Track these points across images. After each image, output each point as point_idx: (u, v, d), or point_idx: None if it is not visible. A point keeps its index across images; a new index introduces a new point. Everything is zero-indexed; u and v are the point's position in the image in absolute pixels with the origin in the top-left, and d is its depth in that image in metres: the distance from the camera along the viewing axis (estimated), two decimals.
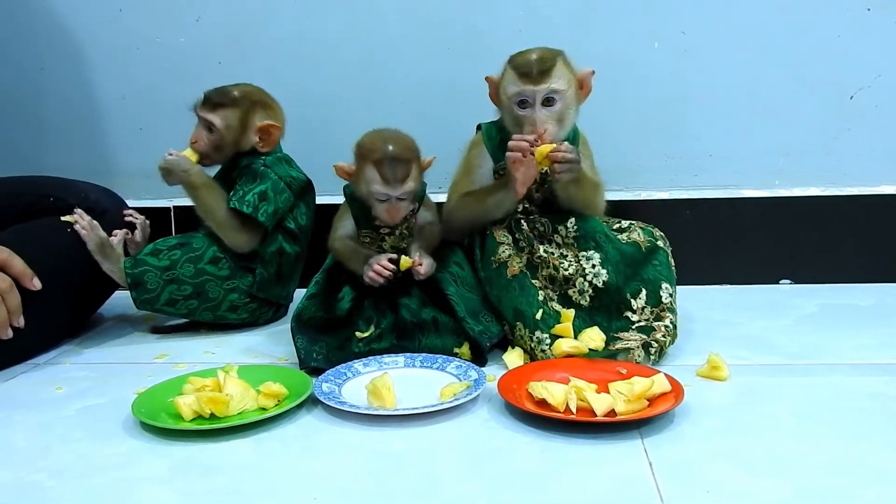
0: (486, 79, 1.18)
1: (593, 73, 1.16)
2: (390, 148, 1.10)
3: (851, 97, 1.48)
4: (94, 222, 1.25)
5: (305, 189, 1.33)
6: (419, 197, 1.17)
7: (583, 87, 1.16)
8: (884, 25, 1.45)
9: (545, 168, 1.09)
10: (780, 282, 1.52)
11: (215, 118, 1.26)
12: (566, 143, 1.10)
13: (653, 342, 1.06)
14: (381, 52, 1.55)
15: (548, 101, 1.11)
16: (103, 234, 1.25)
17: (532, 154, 1.07)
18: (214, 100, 1.27)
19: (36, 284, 1.14)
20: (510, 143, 1.09)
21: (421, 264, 1.11)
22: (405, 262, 1.11)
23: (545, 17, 1.49)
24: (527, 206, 1.19)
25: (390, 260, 1.11)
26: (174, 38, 1.59)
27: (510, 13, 1.50)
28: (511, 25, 1.49)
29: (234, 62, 1.56)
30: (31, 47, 1.62)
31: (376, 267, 1.10)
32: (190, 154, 1.26)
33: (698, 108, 1.51)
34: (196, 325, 1.31)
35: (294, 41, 1.56)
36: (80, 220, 1.24)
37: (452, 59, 1.52)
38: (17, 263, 1.12)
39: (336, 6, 1.54)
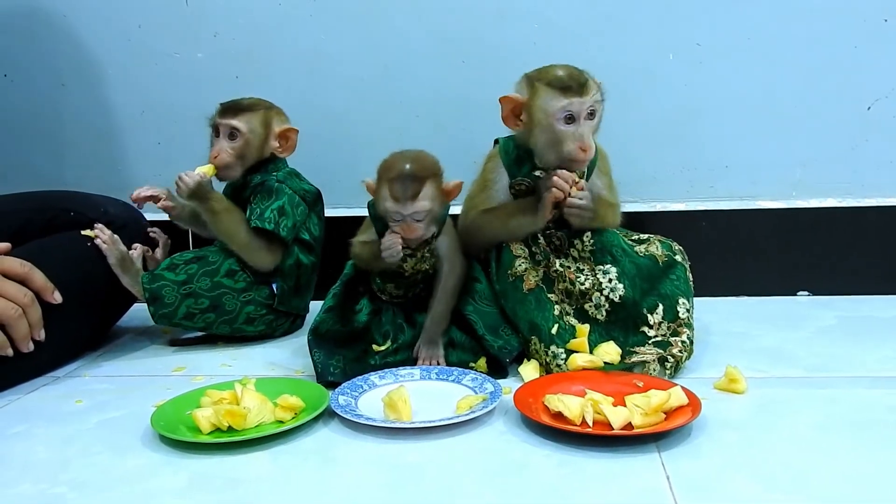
0: (501, 99, 1.13)
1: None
2: (406, 166, 1.08)
3: (869, 108, 1.47)
4: (115, 236, 1.26)
5: (317, 200, 1.36)
6: (441, 221, 1.14)
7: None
8: None
9: None
10: (798, 293, 1.51)
11: (240, 123, 1.27)
12: (585, 189, 1.10)
13: (669, 357, 1.06)
14: (396, 67, 1.56)
15: (590, 115, 1.10)
16: (123, 248, 1.26)
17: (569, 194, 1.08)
18: (234, 107, 1.28)
19: (57, 298, 1.15)
20: (555, 180, 1.08)
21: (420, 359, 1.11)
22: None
23: (560, 31, 1.49)
24: None
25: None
26: (192, 54, 1.60)
27: (525, 27, 1.50)
28: (526, 39, 1.49)
29: (251, 77, 1.58)
30: (50, 64, 1.64)
31: (395, 244, 1.09)
32: (208, 170, 1.26)
33: (714, 120, 1.51)
34: (213, 338, 1.32)
35: (310, 56, 1.57)
36: (101, 235, 1.26)
37: (467, 74, 1.53)
38: (39, 277, 1.13)
39: (351, 21, 1.55)
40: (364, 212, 1.17)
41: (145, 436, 0.94)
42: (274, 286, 1.30)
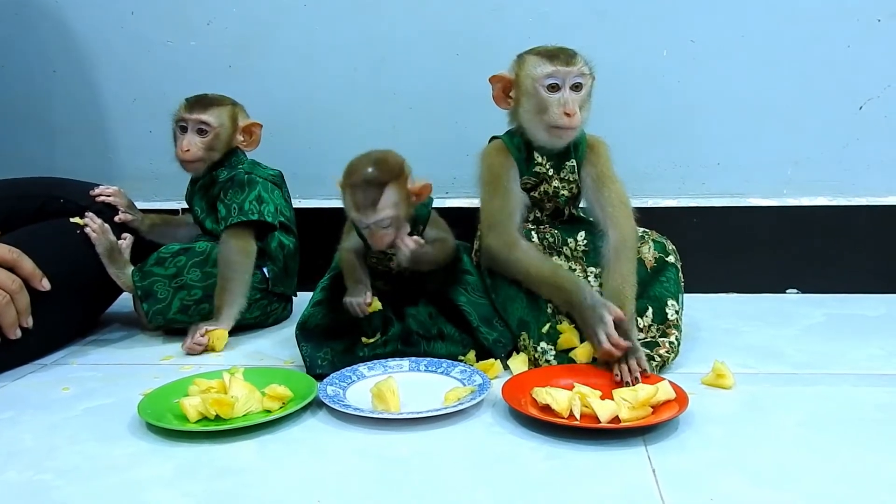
0: (492, 78, 1.16)
1: (594, 79, 1.15)
2: (366, 170, 1.04)
3: (861, 107, 1.48)
4: (106, 226, 1.26)
5: (283, 182, 1.39)
6: (423, 219, 1.14)
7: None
8: (894, 36, 1.45)
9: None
10: (787, 291, 1.51)
11: (210, 117, 1.29)
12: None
13: (655, 356, 1.06)
14: (390, 58, 1.55)
15: (575, 87, 1.11)
16: (113, 238, 1.26)
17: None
18: (203, 102, 1.30)
19: (45, 285, 1.14)
20: (605, 348, 0.99)
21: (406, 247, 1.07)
22: (376, 304, 1.10)
23: (554, 26, 1.49)
24: (537, 215, 1.19)
25: (367, 303, 1.08)
26: (185, 42, 1.60)
27: (519, 21, 1.50)
28: (520, 33, 1.49)
29: (245, 66, 1.57)
30: (42, 51, 1.64)
31: (354, 306, 1.08)
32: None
33: (707, 117, 1.51)
34: None
35: (304, 46, 1.57)
36: (91, 224, 1.25)
37: (461, 66, 1.53)
38: (27, 264, 1.13)
39: (345, 12, 1.55)
40: None
41: (132, 424, 0.94)
42: (265, 270, 1.31)
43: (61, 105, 1.66)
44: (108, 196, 1.33)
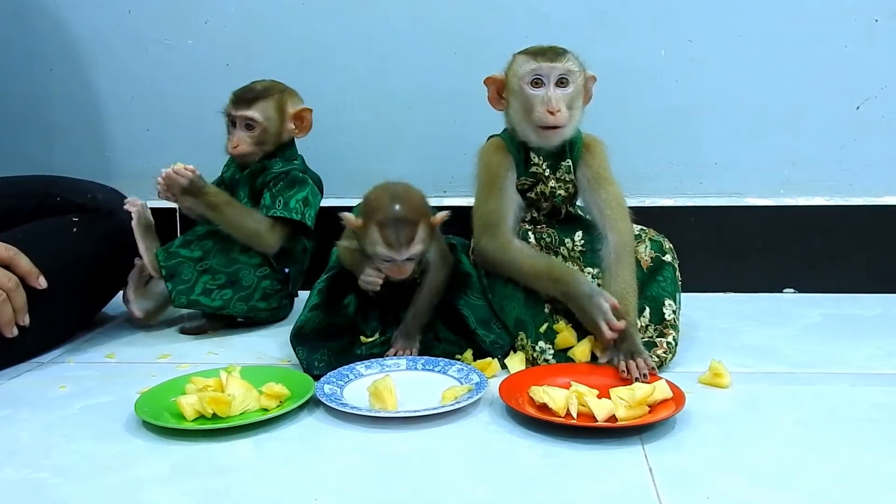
0: (486, 80, 1.16)
1: (595, 79, 1.16)
2: (396, 208, 1.04)
3: (858, 107, 1.48)
4: (146, 203, 1.28)
5: (322, 189, 1.38)
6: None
7: (586, 90, 1.15)
8: (891, 36, 1.45)
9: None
10: (784, 291, 1.51)
11: (254, 112, 1.28)
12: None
13: (653, 356, 1.06)
14: (389, 57, 1.55)
15: (561, 82, 1.10)
16: (150, 216, 1.28)
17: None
18: (247, 96, 1.29)
19: (42, 283, 1.14)
20: (608, 335, 1.02)
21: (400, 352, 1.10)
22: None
23: (553, 25, 1.49)
24: (534, 215, 1.18)
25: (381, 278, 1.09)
26: (182, 40, 1.59)
27: (518, 20, 1.50)
28: (518, 32, 1.49)
29: (242, 65, 1.57)
30: (39, 49, 1.63)
31: (368, 284, 1.09)
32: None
33: (704, 116, 1.51)
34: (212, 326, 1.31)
35: (302, 45, 1.56)
36: (134, 202, 1.27)
37: (459, 65, 1.53)
38: (24, 262, 1.13)
39: (344, 11, 1.55)
40: (354, 202, 1.17)
41: (129, 422, 0.93)
42: (286, 271, 1.32)
43: (59, 104, 1.66)
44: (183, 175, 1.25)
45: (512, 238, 1.13)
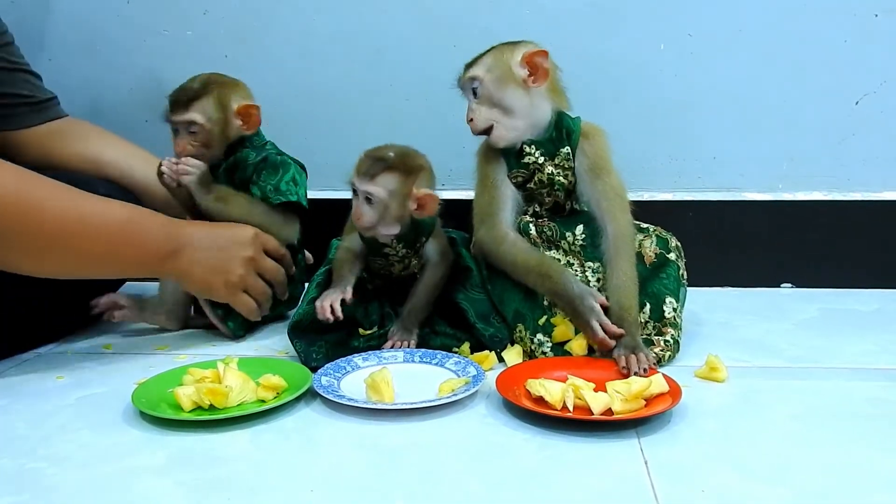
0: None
1: (542, 53, 1.11)
2: (387, 152, 1.07)
3: (857, 102, 1.48)
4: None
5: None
6: (426, 231, 1.13)
7: (536, 70, 1.11)
8: (891, 31, 1.45)
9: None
10: (782, 285, 1.51)
11: (194, 115, 1.20)
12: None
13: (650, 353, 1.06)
14: (388, 49, 1.55)
15: (473, 91, 1.14)
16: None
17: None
18: (183, 98, 1.21)
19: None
20: (601, 337, 1.03)
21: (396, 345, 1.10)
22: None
23: (551, 17, 1.49)
24: (537, 209, 1.18)
25: (342, 301, 1.07)
26: (181, 31, 1.59)
27: (517, 13, 1.50)
28: (517, 25, 1.49)
29: (241, 56, 1.57)
30: (37, 39, 1.63)
31: (324, 303, 1.07)
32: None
33: (703, 111, 1.51)
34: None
35: (301, 36, 1.56)
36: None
37: (459, 58, 1.51)
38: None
39: (343, 3, 1.54)
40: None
41: (126, 413, 0.94)
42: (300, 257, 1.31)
43: (57, 94, 1.65)
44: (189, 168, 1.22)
45: (508, 231, 1.13)
